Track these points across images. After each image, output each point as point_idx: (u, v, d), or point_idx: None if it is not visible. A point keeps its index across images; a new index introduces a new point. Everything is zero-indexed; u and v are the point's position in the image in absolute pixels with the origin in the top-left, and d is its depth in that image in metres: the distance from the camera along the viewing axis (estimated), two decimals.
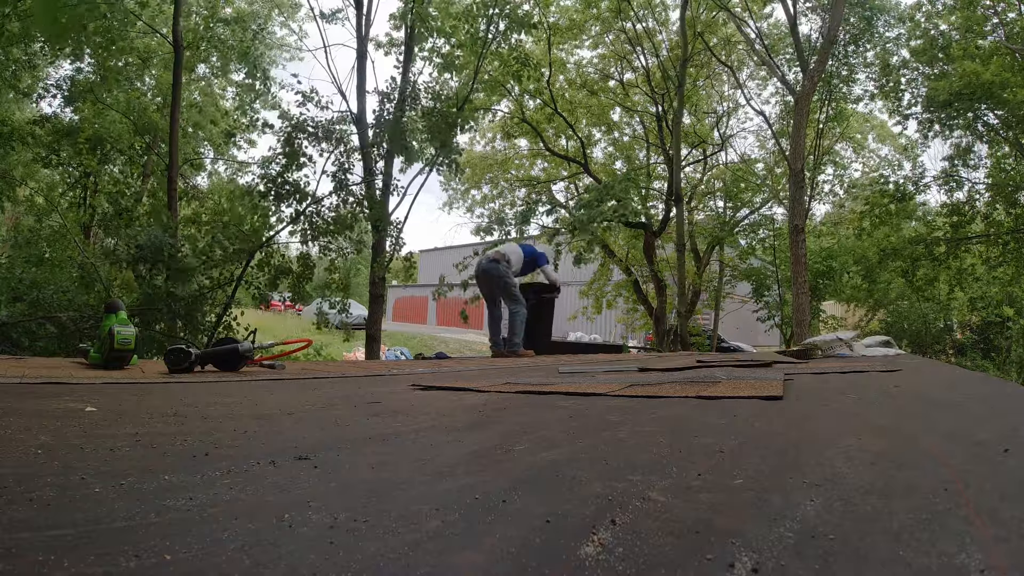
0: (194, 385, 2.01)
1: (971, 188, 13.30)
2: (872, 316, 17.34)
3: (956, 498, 0.65)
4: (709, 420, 1.27)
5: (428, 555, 0.53)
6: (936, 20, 12.87)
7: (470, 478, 0.81)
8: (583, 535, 0.57)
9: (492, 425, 1.27)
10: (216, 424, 1.26)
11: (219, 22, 10.10)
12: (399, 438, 1.11)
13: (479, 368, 3.24)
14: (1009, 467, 0.80)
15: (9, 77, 10.10)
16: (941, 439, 0.99)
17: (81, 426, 1.17)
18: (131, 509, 0.65)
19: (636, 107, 15.85)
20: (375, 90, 8.48)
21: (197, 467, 0.86)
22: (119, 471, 0.82)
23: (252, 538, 0.57)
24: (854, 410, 1.36)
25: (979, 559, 0.49)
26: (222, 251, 7.38)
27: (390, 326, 25.66)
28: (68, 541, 0.55)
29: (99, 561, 0.51)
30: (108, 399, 1.58)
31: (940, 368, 2.96)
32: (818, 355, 3.61)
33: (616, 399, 1.59)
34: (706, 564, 0.50)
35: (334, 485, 0.79)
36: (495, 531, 0.59)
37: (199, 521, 0.62)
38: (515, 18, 9.11)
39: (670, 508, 0.65)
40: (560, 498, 0.71)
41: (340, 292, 8.67)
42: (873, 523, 0.59)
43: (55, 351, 5.59)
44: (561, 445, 1.03)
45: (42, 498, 0.68)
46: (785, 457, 0.90)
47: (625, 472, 0.82)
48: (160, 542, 0.55)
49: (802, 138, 10.37)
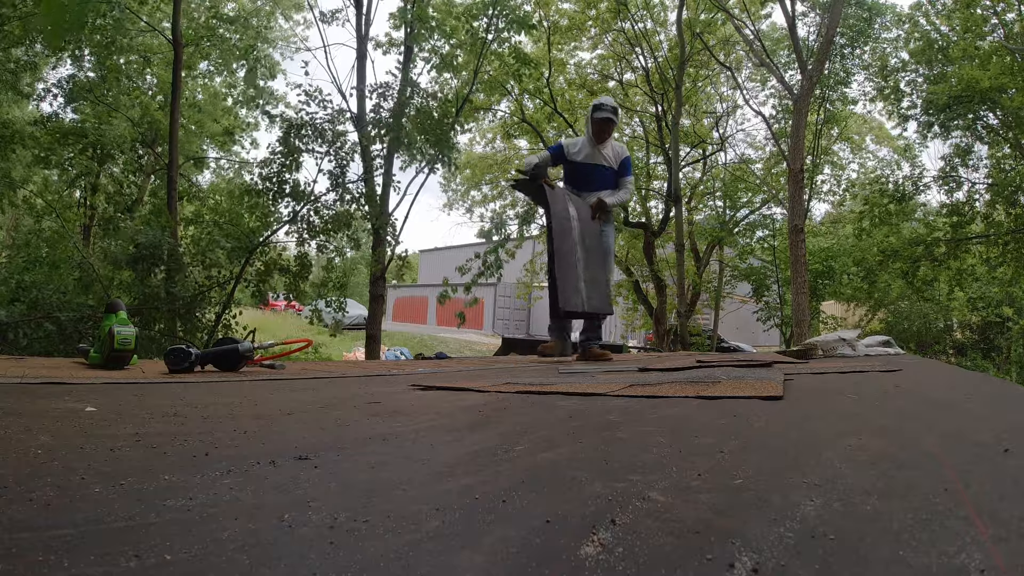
0: (194, 385, 2.01)
1: (971, 188, 13.31)
2: (872, 316, 17.35)
3: (956, 498, 0.65)
4: (709, 420, 1.27)
5: (428, 555, 0.53)
6: (935, 20, 12.89)
7: (470, 478, 0.81)
8: (583, 535, 0.57)
9: (492, 425, 1.27)
10: (216, 424, 1.26)
11: (220, 19, 10.08)
12: (399, 438, 1.11)
13: (479, 368, 3.24)
14: (1009, 467, 0.80)
15: (9, 78, 10.10)
16: (941, 439, 0.99)
17: (81, 426, 1.17)
18: (131, 509, 0.65)
19: (635, 107, 15.87)
20: (374, 86, 8.47)
21: (197, 467, 0.86)
22: (119, 471, 0.82)
23: (252, 538, 0.57)
24: (854, 410, 1.36)
25: (979, 559, 0.49)
26: (221, 250, 7.39)
27: (390, 326, 25.67)
28: (68, 541, 0.55)
29: (99, 561, 0.51)
30: (108, 399, 1.58)
31: (940, 368, 2.96)
32: (818, 355, 3.61)
33: (616, 399, 1.59)
34: (706, 564, 0.50)
35: (334, 485, 0.79)
36: (495, 531, 0.59)
37: (199, 521, 0.62)
38: (514, 18, 9.11)
39: (670, 508, 0.65)
40: (560, 498, 0.71)
41: (336, 291, 8.67)
42: (873, 523, 0.59)
43: (53, 351, 5.58)
44: (561, 445, 1.03)
45: (42, 498, 0.68)
46: (785, 457, 0.90)
47: (625, 472, 0.82)
48: (160, 542, 0.55)
49: (801, 139, 10.38)
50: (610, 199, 3.70)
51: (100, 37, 8.63)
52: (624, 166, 3.79)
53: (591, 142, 3.73)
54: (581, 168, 3.76)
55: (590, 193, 3.71)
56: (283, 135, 7.61)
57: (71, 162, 10.30)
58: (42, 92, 11.12)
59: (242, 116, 11.01)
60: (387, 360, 9.73)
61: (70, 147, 9.82)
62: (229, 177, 15.65)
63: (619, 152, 3.81)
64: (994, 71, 11.24)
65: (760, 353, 4.21)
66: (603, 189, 3.73)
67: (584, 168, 3.75)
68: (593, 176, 3.74)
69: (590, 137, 3.73)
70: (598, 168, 3.74)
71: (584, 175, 3.76)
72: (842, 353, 3.76)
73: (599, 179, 3.74)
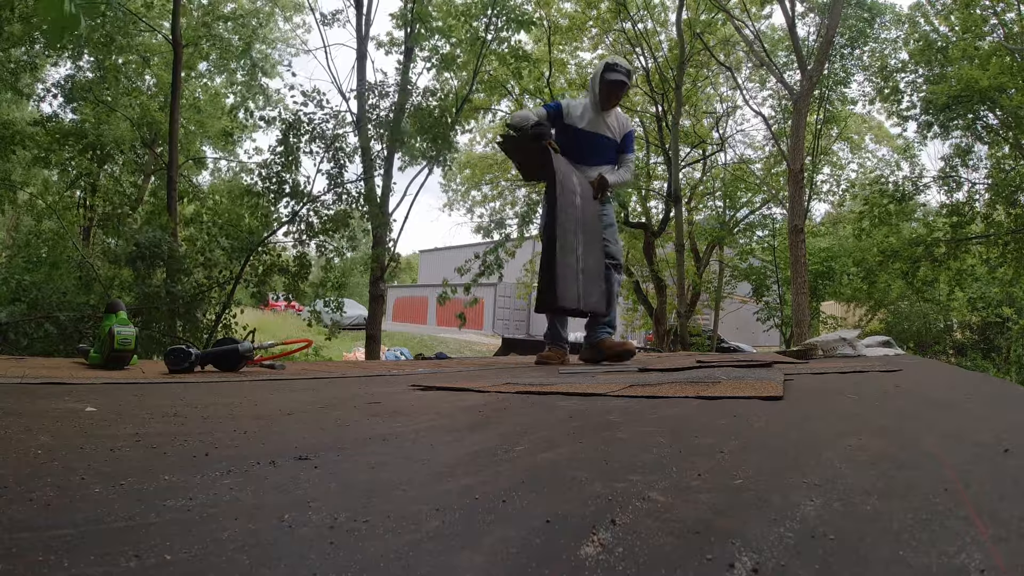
0: (194, 385, 2.01)
1: (971, 188, 13.32)
2: (872, 316, 17.35)
3: (956, 498, 0.65)
4: (709, 420, 1.27)
5: (428, 555, 0.53)
6: (933, 21, 12.90)
7: (470, 478, 0.81)
8: (583, 535, 0.57)
9: (492, 426, 1.27)
10: (216, 424, 1.26)
11: (219, 19, 10.08)
12: (399, 439, 1.11)
13: (479, 368, 3.24)
14: (1009, 467, 0.80)
15: (8, 78, 10.10)
16: (941, 439, 0.99)
17: (81, 426, 1.17)
18: (131, 509, 0.65)
19: (636, 107, 15.87)
20: (372, 84, 8.50)
21: (197, 467, 0.86)
22: (119, 471, 0.82)
23: (252, 538, 0.57)
24: (854, 410, 1.36)
25: (979, 559, 0.49)
26: (222, 251, 7.40)
27: (390, 326, 25.69)
28: (68, 541, 0.55)
29: (99, 561, 0.51)
30: (108, 399, 1.58)
31: (940, 368, 2.96)
32: (818, 355, 3.61)
33: (616, 400, 1.59)
34: (706, 564, 0.50)
35: (334, 485, 0.79)
36: (495, 531, 0.59)
37: (199, 521, 0.62)
38: (513, 16, 9.12)
39: (670, 508, 0.65)
40: (560, 498, 0.71)
41: (334, 291, 8.68)
42: (873, 523, 0.59)
43: (54, 351, 5.59)
44: (561, 445, 1.03)
45: (42, 498, 0.68)
46: (785, 457, 0.90)
47: (625, 472, 0.82)
48: (160, 542, 0.55)
49: (801, 139, 10.38)
50: (612, 177, 3.19)
51: (98, 36, 8.61)
52: (627, 140, 3.30)
53: (595, 107, 3.20)
54: (581, 136, 3.20)
55: (589, 168, 3.16)
56: (282, 135, 7.62)
57: (71, 162, 10.30)
58: (41, 92, 11.12)
59: (240, 119, 11.01)
60: (387, 360, 9.73)
61: (70, 147, 9.83)
62: (228, 178, 15.67)
63: (624, 123, 3.33)
64: (993, 71, 11.25)
65: (760, 353, 4.20)
66: (603, 164, 3.24)
67: (584, 136, 3.20)
68: (594, 147, 3.21)
69: (595, 101, 3.19)
70: (600, 138, 3.22)
71: (583, 145, 3.19)
72: (843, 353, 3.76)
73: (600, 151, 3.23)
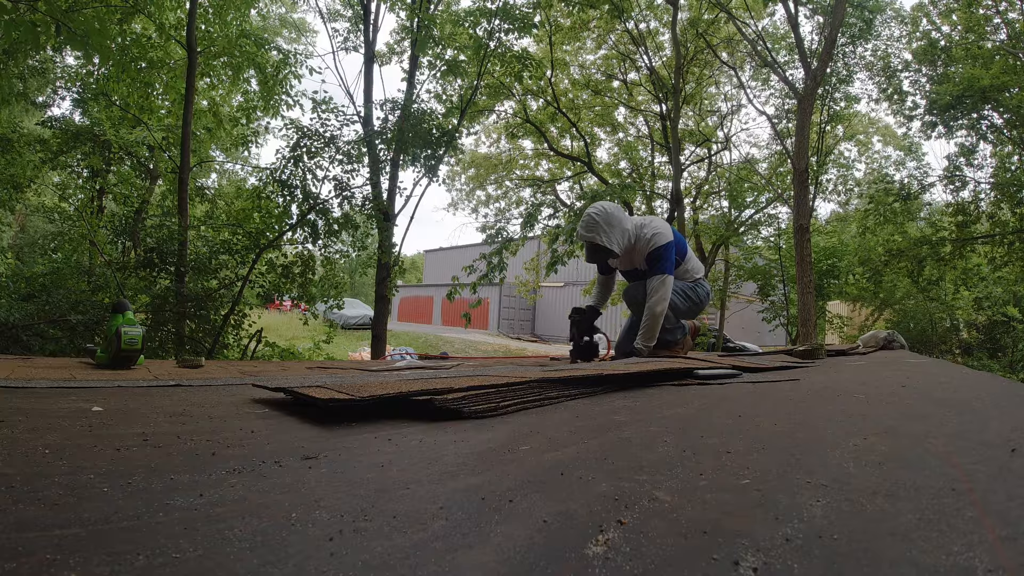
0: (200, 386, 2.01)
1: (976, 188, 13.25)
2: (878, 316, 17.27)
3: (963, 498, 0.64)
4: (715, 421, 1.26)
5: (434, 555, 0.53)
6: (935, 20, 12.84)
7: (476, 478, 0.81)
8: (590, 535, 0.57)
9: (497, 425, 1.27)
10: (222, 424, 1.26)
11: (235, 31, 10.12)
12: (405, 438, 1.11)
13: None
14: (1016, 467, 0.80)
15: (17, 83, 10.14)
16: (948, 439, 0.99)
17: (88, 426, 1.17)
18: (138, 508, 0.66)
19: (640, 106, 15.85)
20: (382, 102, 8.68)
21: (204, 466, 0.86)
22: (126, 470, 0.83)
23: (259, 537, 0.57)
24: (861, 410, 1.35)
25: (987, 559, 0.49)
26: (226, 255, 7.45)
27: (395, 326, 25.74)
28: (76, 540, 0.55)
29: (107, 560, 0.51)
30: (115, 399, 1.59)
31: (946, 367, 2.94)
32: (822, 355, 3.59)
33: (621, 400, 1.59)
34: (713, 564, 0.50)
35: (340, 485, 0.79)
36: (501, 531, 0.59)
37: (206, 520, 0.62)
38: (514, 19, 9.13)
39: (677, 508, 0.65)
40: (566, 498, 0.71)
41: (334, 292, 8.72)
42: (880, 523, 0.58)
43: (62, 352, 5.61)
44: (567, 445, 1.03)
45: (49, 497, 0.69)
46: (791, 457, 0.89)
47: (632, 472, 0.82)
48: (168, 541, 0.55)
49: (806, 138, 10.34)
50: (638, 342, 3.57)
51: (117, 44, 8.64)
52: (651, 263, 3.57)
53: None
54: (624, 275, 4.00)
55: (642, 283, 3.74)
56: (295, 141, 7.69)
57: (80, 164, 10.35)
58: (51, 94, 11.16)
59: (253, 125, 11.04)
60: (392, 359, 9.75)
61: (78, 148, 9.87)
62: (239, 180, 15.73)
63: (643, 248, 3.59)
64: (995, 70, 11.19)
65: (767, 353, 4.21)
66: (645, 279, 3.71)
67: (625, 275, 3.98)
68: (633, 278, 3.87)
69: None
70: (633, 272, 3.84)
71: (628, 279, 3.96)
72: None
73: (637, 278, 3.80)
